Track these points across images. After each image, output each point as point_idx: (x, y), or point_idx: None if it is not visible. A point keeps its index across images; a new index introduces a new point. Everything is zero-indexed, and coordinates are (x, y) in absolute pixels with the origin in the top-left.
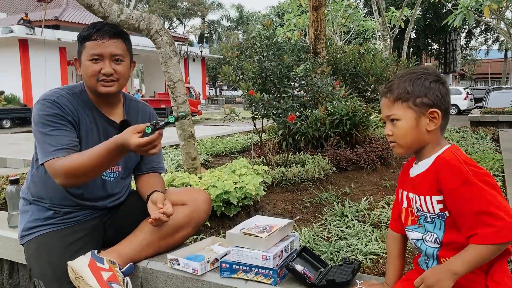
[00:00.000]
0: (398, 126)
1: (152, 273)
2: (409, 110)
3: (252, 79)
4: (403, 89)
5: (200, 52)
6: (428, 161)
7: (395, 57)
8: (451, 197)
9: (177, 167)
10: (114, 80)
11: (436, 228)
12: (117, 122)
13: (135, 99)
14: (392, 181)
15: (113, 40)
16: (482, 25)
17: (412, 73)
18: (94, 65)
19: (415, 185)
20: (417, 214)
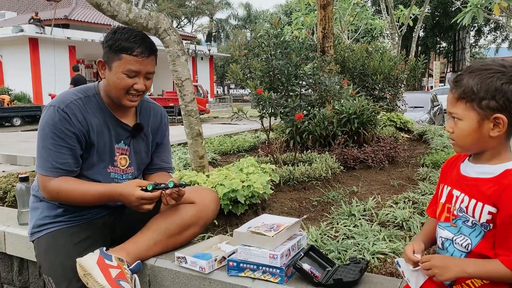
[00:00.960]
0: (459, 126)
1: (159, 271)
2: (472, 111)
3: (259, 78)
4: (469, 87)
5: (208, 50)
6: (493, 169)
7: (403, 55)
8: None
9: (185, 165)
10: (141, 94)
11: (473, 234)
12: (129, 125)
13: (147, 100)
14: (400, 180)
15: (150, 58)
16: (491, 23)
17: (485, 69)
18: (128, 80)
19: (468, 186)
20: (457, 213)
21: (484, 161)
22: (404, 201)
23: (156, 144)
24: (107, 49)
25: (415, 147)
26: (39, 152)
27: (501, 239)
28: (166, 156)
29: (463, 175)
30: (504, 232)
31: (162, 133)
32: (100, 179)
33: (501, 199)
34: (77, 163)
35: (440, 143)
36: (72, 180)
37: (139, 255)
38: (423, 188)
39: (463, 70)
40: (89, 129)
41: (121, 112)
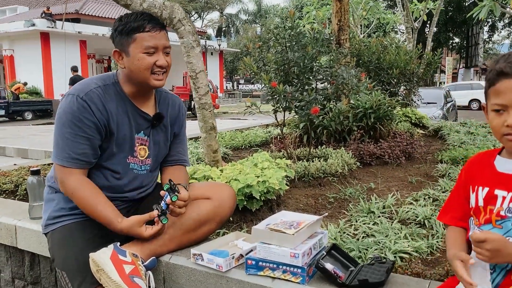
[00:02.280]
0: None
1: (175, 268)
2: None
3: (274, 71)
4: None
5: (218, 45)
6: None
7: (419, 49)
8: None
9: (197, 160)
10: (165, 71)
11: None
12: (149, 114)
13: (165, 90)
14: (418, 177)
15: (163, 32)
16: (506, 18)
17: None
18: (149, 58)
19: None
20: (505, 214)
21: None
22: (424, 198)
23: (174, 134)
24: (119, 36)
25: (430, 143)
26: (56, 141)
27: None
28: (183, 149)
29: (505, 173)
30: None
31: (179, 124)
32: (119, 169)
33: None
34: (95, 154)
35: (457, 139)
36: (89, 189)
37: (153, 251)
38: (443, 185)
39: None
40: (109, 118)
41: (141, 101)
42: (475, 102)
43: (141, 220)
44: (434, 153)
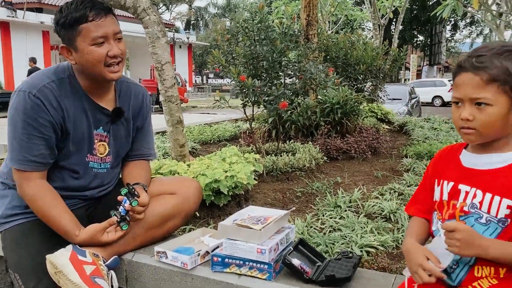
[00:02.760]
0: (487, 112)
1: (138, 266)
2: (504, 95)
3: (243, 64)
4: (504, 69)
5: (186, 39)
6: (507, 157)
7: (385, 46)
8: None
9: (164, 154)
10: (121, 60)
11: (488, 232)
12: (108, 109)
13: (127, 80)
14: (384, 171)
15: (109, 17)
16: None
17: (510, 50)
18: (100, 49)
19: (480, 180)
20: (468, 210)
21: (493, 150)
22: (390, 192)
23: (137, 128)
24: (62, 30)
25: (396, 138)
26: (10, 143)
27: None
28: (148, 142)
29: (470, 168)
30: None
31: (143, 116)
32: (78, 169)
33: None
34: (52, 154)
35: (422, 134)
36: (48, 196)
37: (116, 250)
38: (408, 179)
39: (479, 51)
40: (64, 116)
41: (98, 95)
42: (438, 99)
43: (100, 230)
44: (399, 148)
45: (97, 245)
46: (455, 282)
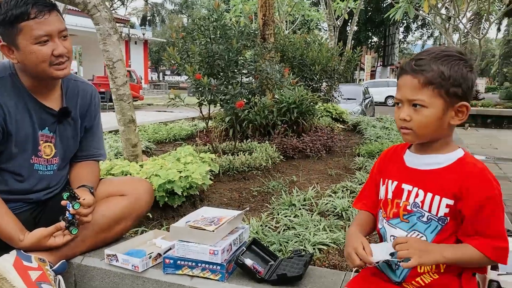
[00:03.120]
0: (422, 113)
1: (87, 270)
2: (439, 98)
3: (198, 63)
4: (439, 73)
5: (142, 35)
6: (445, 158)
7: (340, 47)
8: (471, 207)
9: (116, 154)
10: (67, 59)
11: (429, 230)
12: (54, 109)
13: (74, 78)
14: (337, 170)
15: (53, 14)
16: (418, 21)
17: (449, 55)
18: (44, 48)
19: (422, 179)
20: (411, 209)
21: (433, 151)
22: (342, 190)
23: (85, 128)
24: (1, 27)
25: (349, 138)
26: None
27: (468, 227)
28: (97, 142)
29: (412, 168)
30: (471, 220)
31: (92, 116)
32: (22, 171)
33: (464, 189)
34: None
35: (374, 133)
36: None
37: (64, 254)
38: (360, 177)
39: (420, 55)
40: (5, 117)
41: (43, 94)
42: (391, 99)
43: (46, 235)
44: (352, 147)
45: (44, 249)
46: (399, 278)
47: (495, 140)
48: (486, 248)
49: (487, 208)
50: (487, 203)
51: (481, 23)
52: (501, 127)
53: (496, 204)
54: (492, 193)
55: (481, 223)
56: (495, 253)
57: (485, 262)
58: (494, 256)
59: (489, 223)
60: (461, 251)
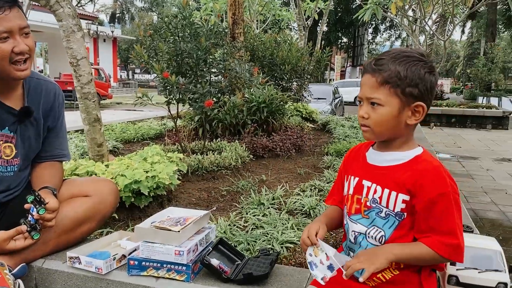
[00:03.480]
0: (378, 112)
1: (49, 274)
2: (395, 97)
3: (166, 61)
4: (395, 72)
5: (111, 32)
6: (403, 155)
7: (310, 47)
8: (423, 203)
9: (82, 154)
10: (29, 57)
11: (387, 225)
12: (15, 108)
13: (37, 76)
14: (306, 168)
15: (14, 10)
16: (387, 22)
17: (408, 56)
18: (4, 46)
19: (379, 175)
20: (370, 205)
21: (393, 148)
22: (311, 188)
23: (48, 128)
24: None
25: (319, 137)
26: None
27: (420, 223)
28: (61, 142)
29: (372, 165)
30: (424, 216)
31: (55, 116)
32: None
33: (418, 185)
34: None
35: (342, 132)
36: None
37: (24, 257)
38: (328, 176)
39: (382, 55)
40: None
41: (4, 93)
42: None
43: (5, 238)
44: (321, 145)
45: (3, 253)
46: (361, 275)
47: (458, 138)
48: (437, 245)
49: (440, 205)
50: (440, 200)
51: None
52: (464, 126)
53: (448, 201)
54: (445, 190)
55: (433, 219)
56: (447, 250)
57: (438, 259)
58: (446, 253)
59: (441, 220)
60: (410, 248)
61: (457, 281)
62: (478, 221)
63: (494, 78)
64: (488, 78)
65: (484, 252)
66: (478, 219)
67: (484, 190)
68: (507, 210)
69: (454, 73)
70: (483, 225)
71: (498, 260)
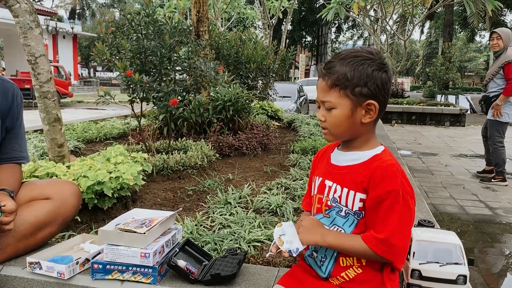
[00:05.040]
0: (332, 114)
1: (7, 280)
2: (345, 98)
3: (130, 59)
4: (342, 74)
5: (71, 28)
6: (363, 155)
7: (275, 45)
8: (372, 200)
9: (41, 154)
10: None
11: (347, 224)
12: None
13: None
14: (272, 167)
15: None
16: (349, 21)
17: (355, 56)
18: None
19: (339, 175)
20: (330, 204)
21: (354, 148)
22: (277, 187)
23: (6, 129)
24: None
25: (285, 135)
26: None
27: (368, 219)
28: (19, 144)
29: (334, 165)
30: (371, 212)
31: (13, 116)
32: None
33: (370, 183)
34: None
35: (307, 130)
36: None
37: None
38: (294, 174)
39: (332, 57)
40: None
41: None
42: None
43: None
44: (287, 143)
45: None
46: (325, 273)
47: (419, 135)
48: (370, 240)
49: (386, 202)
50: (387, 197)
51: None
52: (424, 123)
53: (395, 199)
54: (394, 188)
55: (379, 216)
56: (379, 246)
57: (371, 255)
58: (379, 250)
59: (385, 217)
60: (345, 238)
61: (419, 275)
62: (438, 215)
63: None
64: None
65: (444, 246)
66: (438, 213)
67: (443, 185)
68: (464, 204)
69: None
70: (442, 219)
71: (458, 254)
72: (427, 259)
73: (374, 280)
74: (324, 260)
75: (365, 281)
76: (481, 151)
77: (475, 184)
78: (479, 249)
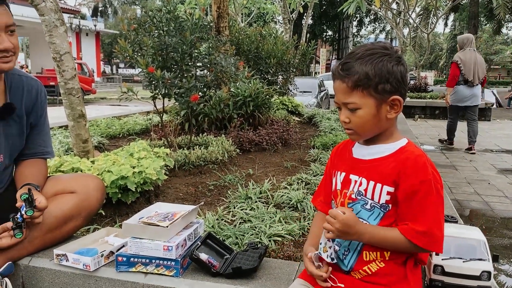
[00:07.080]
0: (358, 114)
1: (35, 272)
2: (369, 97)
3: (151, 56)
4: (363, 74)
5: (94, 26)
6: (388, 147)
7: (295, 40)
8: (405, 191)
9: (66, 150)
10: (13, 54)
11: (372, 217)
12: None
13: (18, 73)
14: (293, 162)
15: (2, 8)
16: (371, 15)
17: (372, 54)
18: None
19: (365, 169)
20: (355, 197)
21: (379, 141)
22: (298, 182)
23: (31, 125)
24: None
25: (305, 130)
26: None
27: (402, 212)
28: (44, 140)
29: (358, 159)
30: (405, 204)
31: (38, 113)
32: None
33: (402, 174)
34: None
35: (328, 126)
36: None
37: (10, 256)
38: (315, 169)
39: (347, 57)
40: None
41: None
42: None
43: None
44: (307, 139)
45: None
46: (347, 267)
47: (442, 130)
48: (410, 233)
49: (420, 193)
50: (421, 188)
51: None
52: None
53: (429, 189)
54: (426, 178)
55: (413, 207)
56: (420, 238)
57: (412, 247)
58: (420, 241)
59: (421, 208)
60: (385, 234)
61: (442, 271)
62: (462, 211)
63: None
64: None
65: (468, 241)
66: (462, 209)
67: (467, 180)
68: (489, 200)
69: (438, 66)
70: (467, 215)
71: (482, 250)
72: (450, 255)
73: (396, 274)
74: (346, 254)
75: (387, 275)
76: (507, 146)
77: (500, 180)
78: (504, 246)
